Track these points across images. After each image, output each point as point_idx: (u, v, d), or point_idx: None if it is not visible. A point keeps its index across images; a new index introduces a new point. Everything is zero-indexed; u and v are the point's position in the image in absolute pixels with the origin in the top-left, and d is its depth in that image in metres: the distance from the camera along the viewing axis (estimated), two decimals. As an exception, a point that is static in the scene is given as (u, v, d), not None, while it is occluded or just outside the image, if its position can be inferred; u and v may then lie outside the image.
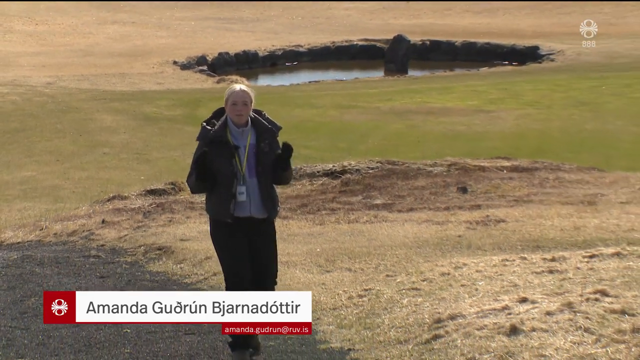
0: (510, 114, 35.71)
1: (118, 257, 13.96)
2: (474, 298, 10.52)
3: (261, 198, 8.25)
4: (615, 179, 21.74)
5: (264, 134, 8.29)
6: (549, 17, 66.03)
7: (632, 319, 9.11)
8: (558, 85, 41.94)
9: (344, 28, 62.32)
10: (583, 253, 12.63)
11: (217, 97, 40.50)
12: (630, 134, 32.24)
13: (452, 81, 45.43)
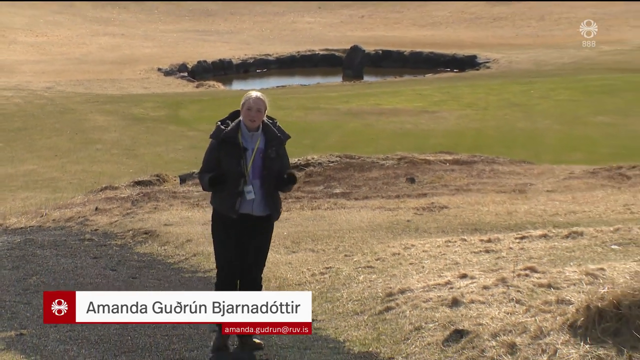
0: (451, 114, 35.80)
1: (109, 240, 13.92)
2: (421, 275, 10.54)
3: (263, 198, 8.00)
4: (543, 170, 21.86)
5: (273, 141, 8.03)
6: (484, 30, 66.21)
7: (557, 292, 9.17)
8: (493, 89, 42.07)
9: (307, 39, 62.28)
10: (515, 235, 12.70)
11: (197, 99, 40.53)
12: (555, 131, 32.42)
13: (401, 86, 45.49)
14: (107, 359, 8.38)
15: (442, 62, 55.11)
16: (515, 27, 66.77)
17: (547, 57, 53.57)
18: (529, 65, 50.88)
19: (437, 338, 8.46)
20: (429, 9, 76.35)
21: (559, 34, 62.88)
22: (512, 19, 70.30)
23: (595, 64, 50.30)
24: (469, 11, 74.48)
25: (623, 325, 7.74)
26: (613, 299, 7.97)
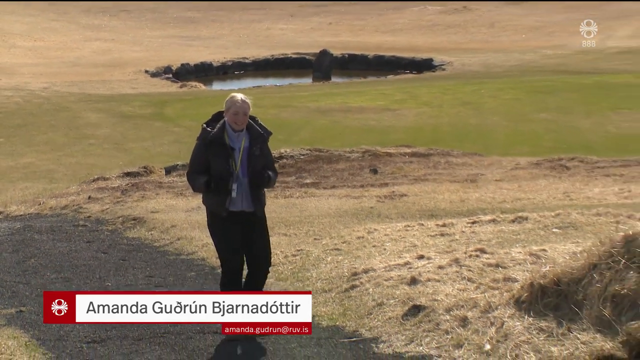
0: (410, 112, 35.86)
1: (101, 226, 13.87)
2: (383, 256, 10.56)
3: (249, 195, 7.78)
4: (492, 162, 21.94)
5: (257, 139, 7.80)
6: (440, 36, 66.37)
7: (504, 271, 9.21)
8: (447, 89, 42.16)
9: (280, 44, 62.21)
10: (467, 220, 12.74)
11: (180, 99, 40.42)
12: (503, 127, 32.54)
13: (365, 86, 45.53)
14: (99, 333, 8.36)
15: (402, 64, 55.15)
16: (467, 34, 66.97)
17: (496, 60, 53.75)
18: (479, 68, 51.04)
19: (397, 313, 8.48)
20: (390, 17, 76.49)
21: (505, 40, 63.13)
22: (464, 26, 70.49)
23: (538, 66, 50.50)
24: (426, 19, 74.67)
25: (562, 300, 7.79)
26: (554, 277, 8.01)
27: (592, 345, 7.16)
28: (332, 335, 8.19)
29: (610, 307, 7.38)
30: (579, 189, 17.38)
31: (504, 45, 60.59)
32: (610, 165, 20.76)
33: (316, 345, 7.87)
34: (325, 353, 7.71)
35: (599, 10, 74.36)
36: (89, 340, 8.17)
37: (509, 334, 7.61)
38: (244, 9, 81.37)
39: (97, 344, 8.07)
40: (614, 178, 18.87)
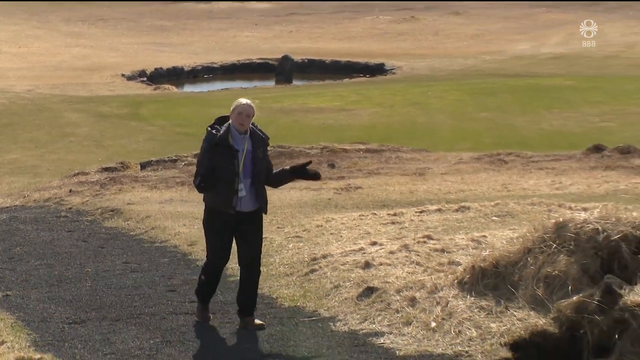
0: (364, 112, 35.90)
1: (81, 217, 13.75)
2: (339, 242, 10.58)
3: (253, 195, 7.57)
4: (438, 157, 22.04)
5: (259, 142, 7.59)
6: (390, 43, 66.51)
7: (449, 255, 9.28)
8: (398, 91, 42.25)
9: (246, 50, 62.03)
10: (415, 209, 12.79)
11: (154, 100, 40.15)
12: (448, 125, 32.69)
13: (323, 88, 45.51)
14: (80, 314, 8.32)
15: (356, 69, 55.09)
16: (415, 41, 67.14)
17: (441, 65, 53.93)
18: (426, 72, 51.17)
19: (352, 294, 8.50)
20: (346, 25, 76.57)
21: (449, 46, 63.35)
22: (412, 34, 70.69)
23: (479, 70, 50.74)
24: (378, 28, 74.79)
25: (500, 281, 7.86)
26: (493, 260, 8.08)
27: (527, 321, 7.23)
28: (293, 315, 8.20)
29: (543, 287, 7.45)
30: (516, 181, 17.51)
31: (448, 51, 60.84)
32: (544, 159, 20.93)
33: (279, 324, 7.88)
34: (287, 331, 7.72)
35: (531, 20, 75.00)
36: (70, 321, 8.12)
37: (453, 312, 7.66)
38: (211, 18, 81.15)
39: (78, 324, 8.03)
40: (547, 171, 19.03)
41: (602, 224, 7.58)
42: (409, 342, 7.31)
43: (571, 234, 7.62)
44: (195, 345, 7.47)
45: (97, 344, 7.49)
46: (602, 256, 7.40)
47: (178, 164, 20.67)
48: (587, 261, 7.39)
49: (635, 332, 6.65)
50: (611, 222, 7.61)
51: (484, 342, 7.13)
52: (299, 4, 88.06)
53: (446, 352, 7.06)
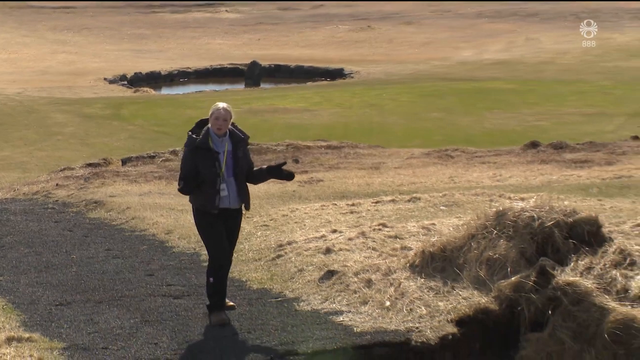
0: (326, 112, 35.91)
1: (67, 208, 13.61)
2: (303, 230, 10.58)
3: (237, 193, 7.37)
4: (392, 153, 22.10)
5: (239, 142, 7.39)
6: (349, 50, 66.53)
7: (401, 241, 9.31)
8: (356, 93, 42.30)
9: (218, 56, 61.77)
10: (371, 200, 12.82)
11: (134, 102, 39.85)
12: (401, 125, 32.77)
13: (289, 91, 45.39)
14: (65, 297, 8.26)
15: (318, 73, 55.03)
16: (371, 48, 67.20)
17: (394, 69, 54.04)
18: (381, 76, 51.23)
19: (314, 277, 8.52)
20: (308, 34, 76.54)
21: (402, 53, 63.49)
22: (369, 42, 70.75)
23: (429, 74, 50.90)
24: (337, 36, 74.84)
25: (447, 264, 7.91)
26: (440, 245, 8.13)
27: (471, 300, 7.29)
28: (261, 296, 8.19)
29: (485, 269, 7.52)
30: (461, 174, 17.61)
31: (401, 57, 60.99)
32: (486, 154, 21.06)
33: (248, 305, 7.87)
34: (255, 311, 7.71)
35: (475, 30, 75.38)
36: (57, 303, 8.06)
37: (405, 292, 7.69)
38: (186, 27, 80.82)
39: (64, 306, 7.96)
40: (489, 165, 19.15)
41: (537, 212, 7.67)
42: (366, 320, 7.33)
43: (510, 221, 7.69)
44: (171, 324, 7.44)
45: (82, 324, 7.44)
46: (537, 241, 7.49)
47: (156, 159, 20.55)
48: (524, 245, 7.47)
49: (566, 308, 6.74)
50: (545, 210, 7.69)
51: (432, 319, 7.17)
52: (265, 15, 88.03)
53: (399, 329, 7.09)
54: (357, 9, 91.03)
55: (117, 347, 6.88)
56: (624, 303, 6.65)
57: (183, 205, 13.22)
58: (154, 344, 6.95)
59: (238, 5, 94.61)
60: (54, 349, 6.86)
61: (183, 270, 9.18)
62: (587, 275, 7.00)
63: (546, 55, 58.25)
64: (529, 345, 6.78)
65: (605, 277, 6.94)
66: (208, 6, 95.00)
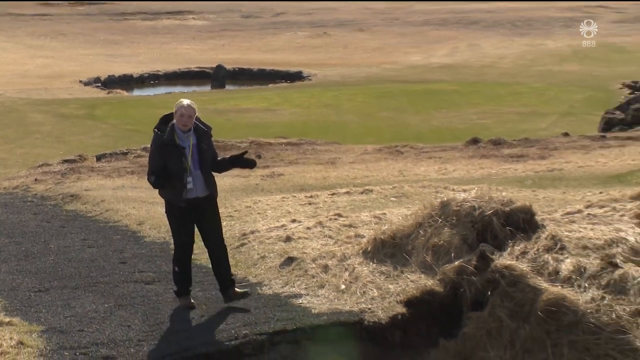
0: (286, 111, 35.90)
1: (45, 201, 13.43)
2: (265, 220, 10.56)
3: (204, 183, 7.14)
4: (347, 149, 22.15)
5: (203, 136, 7.17)
6: (307, 54, 66.45)
7: (355, 229, 9.33)
8: (314, 94, 42.31)
9: (185, 60, 61.32)
10: (328, 192, 12.84)
11: (107, 102, 39.42)
12: (356, 123, 32.91)
13: (252, 92, 45.24)
14: (44, 284, 8.16)
15: (279, 76, 54.92)
16: (328, 53, 67.17)
17: (350, 72, 54.11)
18: (337, 78, 51.27)
19: (275, 263, 8.51)
20: (269, 39, 76.33)
21: (356, 57, 63.57)
22: (325, 47, 70.75)
23: (381, 77, 51.06)
24: (297, 42, 74.75)
25: (397, 250, 7.95)
26: (391, 233, 8.16)
27: (418, 282, 7.34)
28: (226, 281, 8.15)
29: (431, 254, 7.57)
30: (410, 168, 17.72)
31: (356, 61, 61.08)
32: (432, 150, 21.21)
33: (214, 289, 7.83)
34: (218, 296, 7.66)
35: (422, 36, 75.79)
36: (36, 290, 7.96)
37: (359, 276, 7.72)
38: (156, 33, 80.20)
39: (42, 292, 7.87)
40: (435, 159, 19.29)
41: (478, 202, 7.73)
42: (323, 302, 7.35)
43: (453, 211, 7.75)
44: (143, 308, 7.39)
45: (59, 309, 7.36)
46: (477, 228, 7.55)
47: (128, 156, 20.37)
48: (466, 233, 7.53)
49: (504, 289, 6.80)
50: (485, 201, 7.76)
51: (383, 301, 7.21)
52: (230, 22, 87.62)
53: (353, 309, 7.12)
54: (315, 17, 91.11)
55: (92, 330, 6.82)
56: (555, 284, 6.74)
57: (154, 198, 13.11)
58: (126, 327, 6.91)
59: (205, 13, 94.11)
60: (33, 332, 6.78)
61: (154, 258, 9.11)
62: (522, 259, 7.08)
63: (487, 59, 58.77)
64: (471, 323, 6.83)
65: (538, 261, 7.02)
66: (177, 14, 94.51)
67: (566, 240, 7.38)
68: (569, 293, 6.60)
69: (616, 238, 7.76)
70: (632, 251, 7.64)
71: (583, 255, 7.16)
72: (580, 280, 6.76)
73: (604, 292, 6.61)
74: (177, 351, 6.44)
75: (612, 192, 10.90)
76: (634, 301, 6.53)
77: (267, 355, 6.59)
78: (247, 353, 6.56)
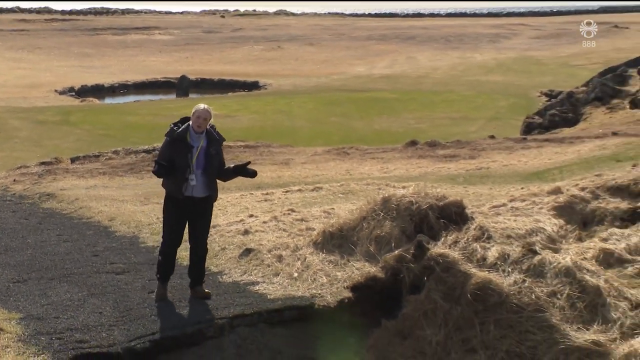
0: (244, 117, 35.70)
1: (23, 200, 13.13)
2: (225, 216, 10.49)
3: (204, 184, 6.90)
4: (299, 151, 22.11)
5: (213, 142, 6.98)
6: (263, 66, 66.24)
7: (307, 223, 9.33)
8: (269, 102, 42.19)
9: (152, 71, 60.63)
10: (282, 190, 12.82)
11: (81, 110, 38.76)
12: (307, 127, 32.90)
13: (213, 100, 44.82)
14: (22, 275, 7.98)
15: (238, 85, 54.64)
16: (281, 64, 67.07)
17: (301, 82, 54.11)
18: (290, 88, 51.23)
19: (235, 254, 8.46)
20: (229, 52, 75.95)
21: (307, 69, 63.59)
22: (279, 59, 70.63)
23: (329, 86, 51.17)
24: (253, 54, 74.48)
25: (344, 241, 7.97)
26: (338, 226, 8.18)
27: (363, 270, 7.36)
28: (190, 271, 8.07)
29: (374, 245, 7.60)
30: (355, 167, 17.78)
31: (306, 72, 61.09)
32: (375, 151, 21.31)
33: (179, 278, 7.74)
34: (185, 283, 7.58)
35: (365, 50, 76.20)
36: (15, 280, 7.78)
37: (310, 265, 7.72)
38: (125, 47, 79.18)
39: (21, 283, 7.69)
40: (377, 160, 19.39)
41: (415, 198, 7.79)
42: (277, 288, 7.33)
43: (393, 205, 7.80)
44: (114, 296, 7.28)
45: (36, 298, 7.21)
46: (415, 221, 7.61)
47: (100, 158, 20.05)
48: (405, 225, 7.58)
49: (438, 275, 6.87)
50: (421, 196, 7.82)
51: (332, 286, 7.22)
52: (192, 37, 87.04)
53: (305, 295, 7.12)
54: (269, 32, 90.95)
55: (67, 317, 6.70)
56: (482, 269, 6.83)
57: (124, 196, 12.95)
58: (98, 313, 6.80)
59: (170, 29, 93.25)
60: (12, 319, 6.63)
61: (124, 251, 8.98)
62: (454, 247, 7.16)
63: (422, 70, 59.32)
64: (409, 305, 6.88)
65: (468, 249, 7.10)
66: (144, 29, 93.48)
67: (492, 231, 7.49)
68: (494, 277, 6.69)
69: (535, 228, 7.91)
70: (549, 239, 7.79)
71: (507, 243, 7.27)
72: (504, 266, 6.86)
73: (525, 276, 6.72)
74: (144, 334, 6.36)
75: (532, 187, 11.07)
76: (550, 283, 6.65)
77: (227, 337, 6.55)
78: (209, 336, 6.51)
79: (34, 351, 6.02)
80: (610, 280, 6.89)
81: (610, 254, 7.46)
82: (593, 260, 7.28)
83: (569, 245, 7.79)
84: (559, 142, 22.13)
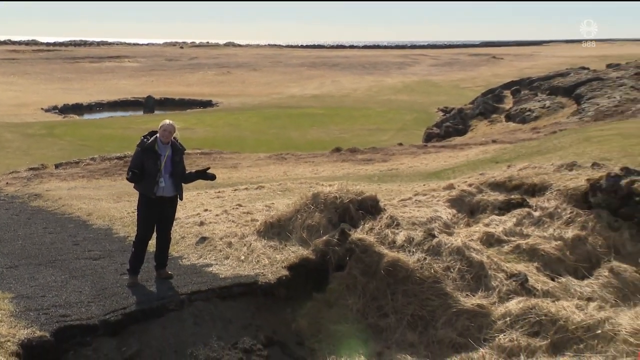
0: (201, 129, 35.23)
1: (15, 200, 12.57)
2: (184, 210, 10.31)
3: (172, 186, 6.69)
4: (245, 156, 21.95)
5: (178, 151, 6.81)
6: (215, 87, 65.48)
7: (252, 215, 9.26)
8: (221, 117, 41.78)
9: (124, 91, 59.20)
10: (232, 188, 12.69)
11: (64, 124, 37.50)
12: (252, 137, 32.74)
13: (174, 116, 43.88)
14: (14, 262, 7.66)
15: (195, 103, 53.83)
16: (230, 86, 66.47)
17: (247, 100, 53.72)
18: (238, 105, 50.81)
19: (192, 242, 8.33)
20: (187, 76, 74.81)
21: (252, 90, 63.20)
22: (229, 82, 69.97)
23: (269, 104, 51.00)
24: (207, 78, 73.58)
25: (282, 230, 7.94)
26: (277, 217, 8.15)
27: (297, 252, 7.35)
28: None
29: (306, 232, 7.60)
30: (291, 169, 17.77)
31: (251, 92, 60.69)
32: (307, 156, 21.37)
33: (146, 262, 7.53)
34: (150, 266, 7.37)
35: (298, 74, 76.28)
36: (7, 267, 7.46)
37: (254, 249, 7.67)
38: (100, 72, 77.16)
39: (13, 268, 7.38)
40: (309, 163, 19.44)
41: (339, 193, 7.83)
42: (228, 269, 7.26)
43: (321, 200, 7.82)
44: (91, 278, 7.06)
45: (26, 280, 6.93)
46: (339, 212, 7.65)
47: (80, 164, 19.46)
48: (331, 216, 7.62)
49: (358, 255, 6.93)
50: (344, 192, 7.87)
51: (272, 267, 7.19)
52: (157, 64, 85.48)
53: (250, 274, 7.06)
54: (220, 60, 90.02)
55: (52, 295, 6.47)
56: (393, 250, 6.92)
57: (100, 195, 12.58)
58: (78, 292, 6.58)
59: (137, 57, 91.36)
60: (5, 298, 6.37)
61: (100, 241, 8.71)
62: (370, 233, 7.24)
63: (344, 91, 59.78)
64: (335, 280, 6.92)
65: (381, 234, 7.19)
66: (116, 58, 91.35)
67: (400, 219, 7.60)
68: (402, 256, 6.80)
69: (434, 216, 8.06)
70: (444, 225, 7.96)
71: (412, 229, 7.40)
72: (410, 247, 6.97)
73: (426, 255, 6.85)
74: (117, 309, 6.21)
75: (432, 184, 11.30)
76: (445, 260, 6.80)
77: (186, 310, 6.44)
78: (171, 309, 6.39)
79: (24, 324, 5.81)
80: (491, 256, 7.10)
81: (491, 235, 7.68)
82: (478, 241, 7.49)
83: (460, 229, 7.99)
84: (452, 148, 22.67)
